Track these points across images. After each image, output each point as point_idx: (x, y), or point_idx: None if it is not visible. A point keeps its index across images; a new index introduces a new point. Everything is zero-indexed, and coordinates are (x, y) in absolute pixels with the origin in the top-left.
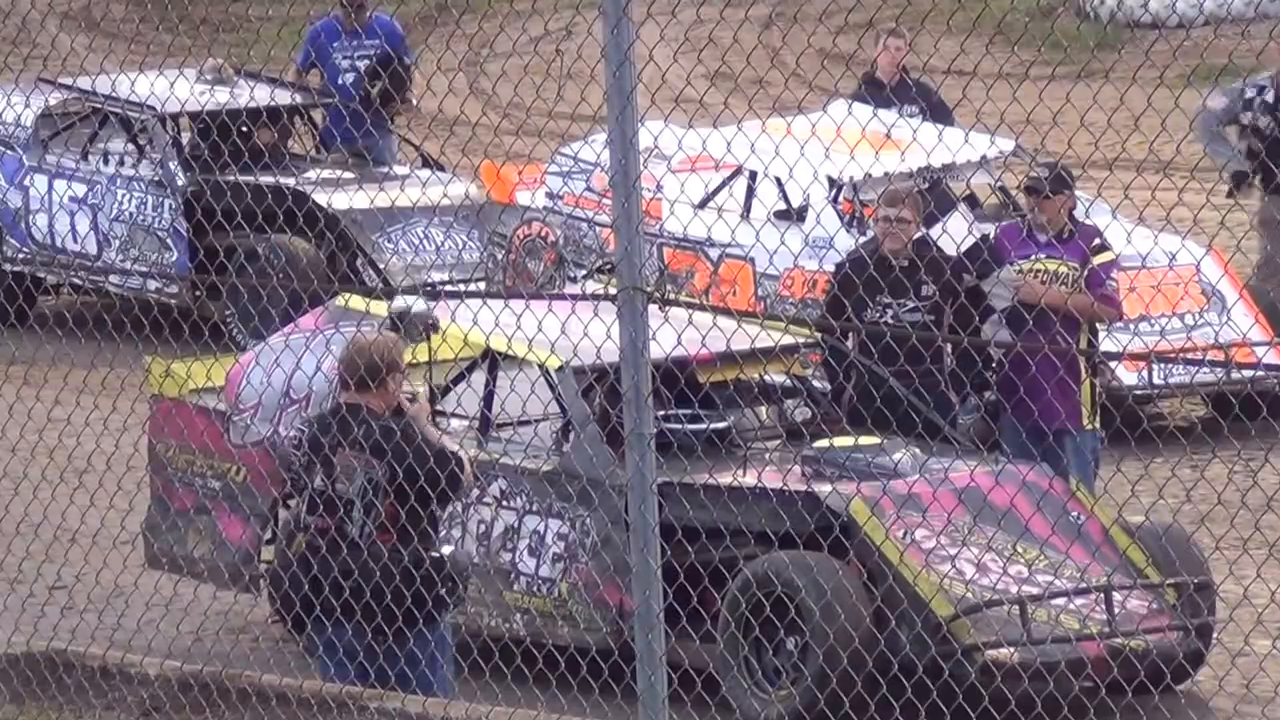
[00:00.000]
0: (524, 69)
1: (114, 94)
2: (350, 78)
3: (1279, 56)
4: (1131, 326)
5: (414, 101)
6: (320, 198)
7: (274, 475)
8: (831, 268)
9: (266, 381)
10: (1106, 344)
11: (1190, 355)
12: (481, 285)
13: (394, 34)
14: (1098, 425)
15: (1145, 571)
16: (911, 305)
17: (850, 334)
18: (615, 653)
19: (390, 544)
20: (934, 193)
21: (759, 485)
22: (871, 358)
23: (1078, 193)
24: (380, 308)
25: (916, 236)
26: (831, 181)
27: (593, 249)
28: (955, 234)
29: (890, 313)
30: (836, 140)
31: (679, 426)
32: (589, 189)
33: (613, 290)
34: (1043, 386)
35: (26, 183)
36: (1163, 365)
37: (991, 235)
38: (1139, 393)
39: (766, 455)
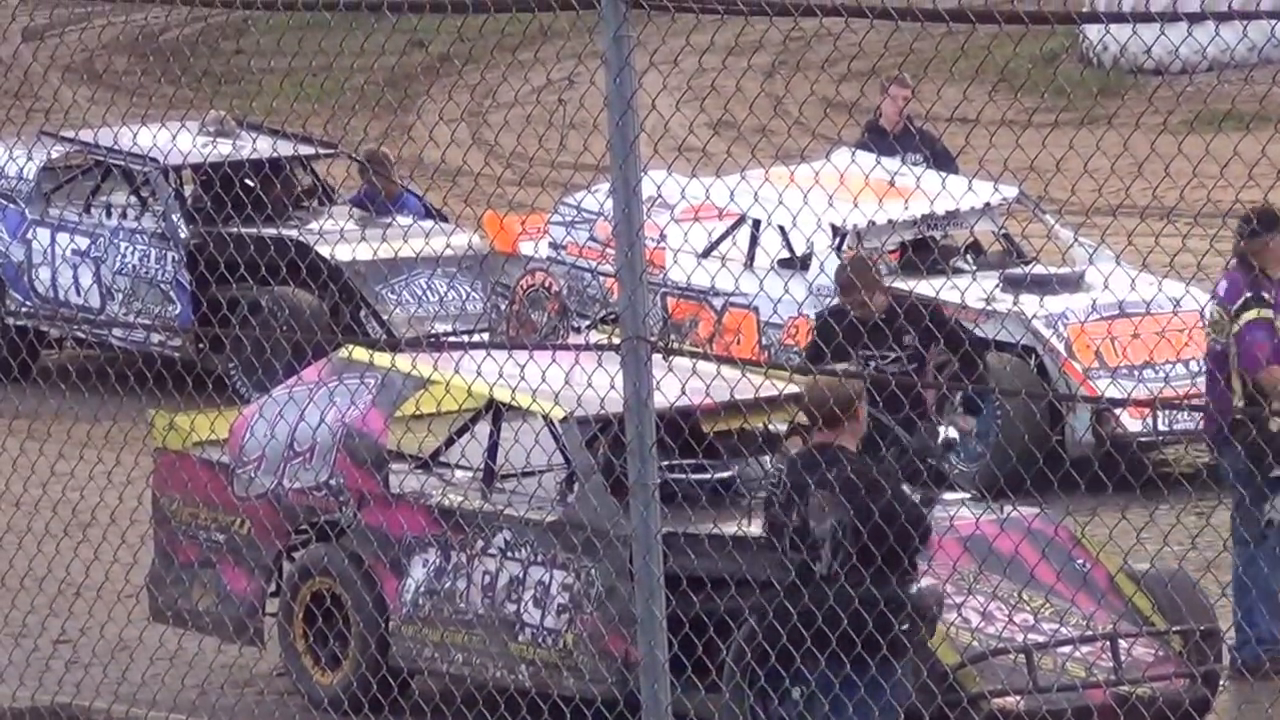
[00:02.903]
0: (527, 119)
1: (116, 147)
2: None
3: None
4: (1136, 373)
5: None
6: (323, 249)
7: (278, 528)
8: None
9: (270, 434)
10: (1111, 391)
11: (1195, 402)
12: (485, 336)
13: (421, 216)
14: None
15: (1151, 618)
16: (893, 356)
17: None
18: (621, 703)
19: (856, 582)
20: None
21: (763, 534)
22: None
23: (1081, 239)
24: (381, 359)
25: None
26: (835, 230)
27: (596, 299)
28: None
29: (872, 364)
30: (840, 188)
31: (683, 476)
32: (592, 239)
33: (616, 340)
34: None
35: (29, 236)
36: (1167, 412)
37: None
38: (1144, 439)
39: None
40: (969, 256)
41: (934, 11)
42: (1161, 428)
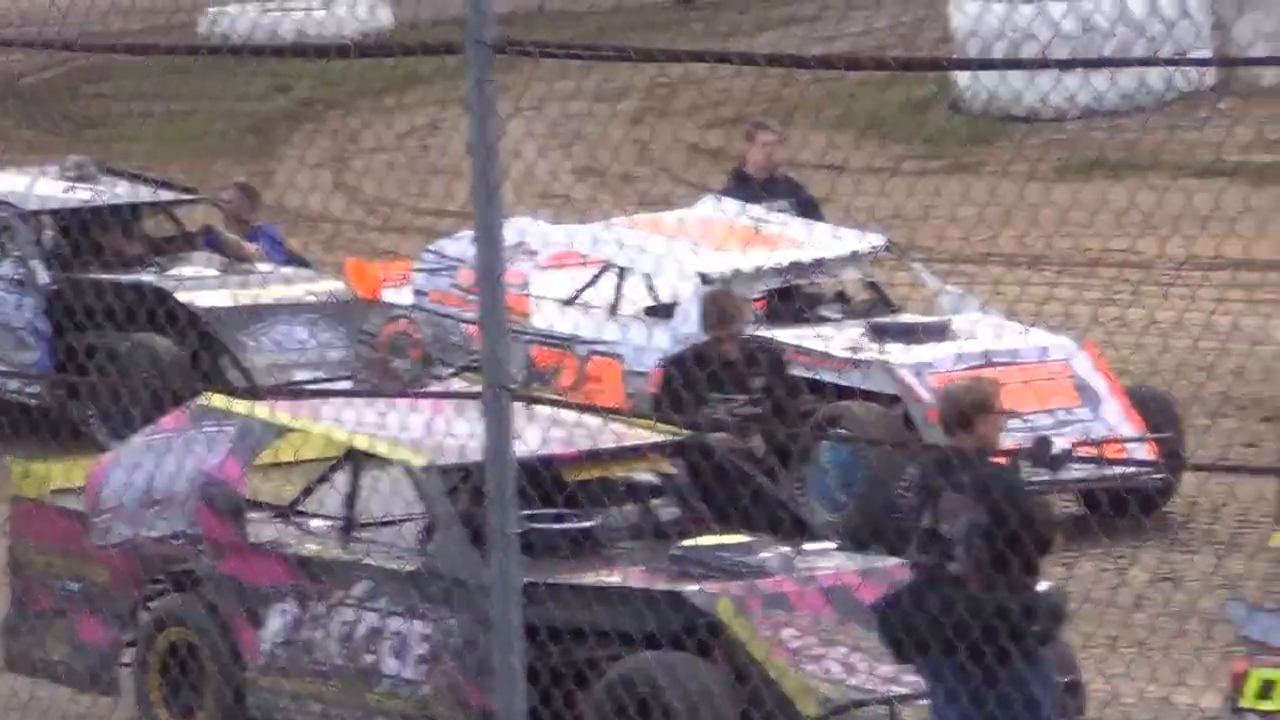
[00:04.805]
0: (390, 165)
1: None
2: None
3: None
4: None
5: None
6: (183, 295)
7: (135, 577)
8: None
9: (127, 482)
10: None
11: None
12: (347, 383)
13: (275, 249)
14: None
15: None
16: (744, 400)
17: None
18: None
19: (987, 583)
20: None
21: (624, 585)
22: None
23: (947, 287)
24: (240, 406)
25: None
26: (702, 278)
27: (459, 346)
28: None
29: (725, 407)
30: (706, 236)
31: (544, 526)
32: (456, 286)
33: (478, 388)
34: None
35: None
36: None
37: None
38: None
39: (632, 554)
40: (836, 305)
41: (799, 57)
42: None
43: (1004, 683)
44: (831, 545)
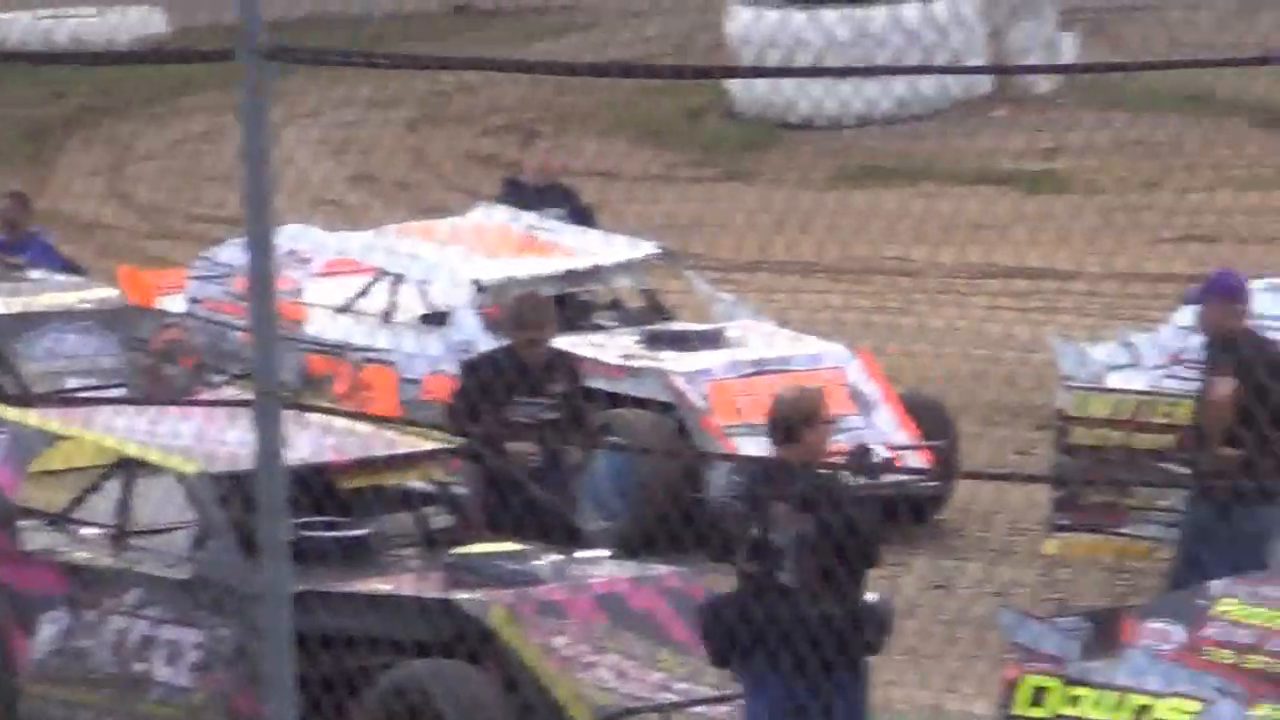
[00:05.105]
0: (164, 171)
1: None
2: None
3: None
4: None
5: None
6: None
7: None
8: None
9: None
10: (749, 448)
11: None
12: (120, 391)
13: (48, 255)
14: None
15: None
16: (546, 404)
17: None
18: None
19: (816, 593)
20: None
21: (396, 592)
22: (504, 456)
23: (720, 295)
24: (12, 413)
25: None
26: (476, 285)
27: (233, 354)
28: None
29: (525, 411)
30: (480, 243)
31: (316, 534)
32: (229, 293)
33: (250, 395)
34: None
35: None
36: None
37: None
38: None
39: (405, 562)
40: (609, 312)
41: (573, 64)
42: None
43: (828, 693)
44: (605, 553)
